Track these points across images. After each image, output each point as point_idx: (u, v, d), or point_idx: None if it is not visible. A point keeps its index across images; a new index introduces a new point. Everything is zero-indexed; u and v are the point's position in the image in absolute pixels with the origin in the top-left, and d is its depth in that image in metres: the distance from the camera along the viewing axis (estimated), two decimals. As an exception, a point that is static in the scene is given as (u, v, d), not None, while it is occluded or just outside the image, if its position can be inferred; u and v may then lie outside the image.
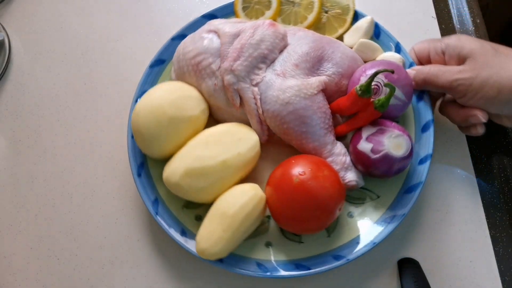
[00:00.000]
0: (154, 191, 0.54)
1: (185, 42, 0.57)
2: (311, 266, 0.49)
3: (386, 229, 0.50)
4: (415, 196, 0.50)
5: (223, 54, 0.53)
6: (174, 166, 0.50)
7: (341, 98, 0.52)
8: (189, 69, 0.55)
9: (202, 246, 0.48)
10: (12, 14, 0.73)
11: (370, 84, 0.48)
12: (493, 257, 0.51)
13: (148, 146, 0.53)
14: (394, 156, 0.47)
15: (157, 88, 0.55)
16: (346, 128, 0.53)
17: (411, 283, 0.49)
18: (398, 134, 0.48)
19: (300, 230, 0.49)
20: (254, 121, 0.53)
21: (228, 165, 0.49)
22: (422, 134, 0.53)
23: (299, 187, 0.46)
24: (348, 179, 0.50)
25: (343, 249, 0.50)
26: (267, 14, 0.61)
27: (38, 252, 0.57)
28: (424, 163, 0.52)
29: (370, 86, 0.48)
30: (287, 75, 0.52)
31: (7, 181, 0.61)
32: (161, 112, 0.51)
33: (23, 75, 0.68)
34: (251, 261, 0.50)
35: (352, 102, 0.50)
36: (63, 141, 0.63)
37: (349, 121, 0.52)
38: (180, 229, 0.52)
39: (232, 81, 0.52)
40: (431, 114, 0.53)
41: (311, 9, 0.60)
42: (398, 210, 0.50)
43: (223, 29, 0.55)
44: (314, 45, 0.53)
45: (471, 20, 0.65)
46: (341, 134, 0.53)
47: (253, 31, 0.53)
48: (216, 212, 0.48)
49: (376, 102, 0.48)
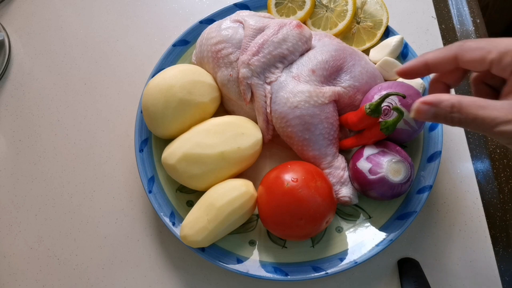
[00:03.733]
0: (152, 169, 0.55)
1: (211, 28, 0.57)
2: (289, 272, 0.49)
3: (371, 251, 0.49)
4: (407, 224, 0.49)
5: (244, 47, 0.53)
6: (173, 148, 0.51)
7: (351, 113, 0.51)
8: (208, 55, 0.55)
9: (186, 232, 0.48)
10: (12, 14, 0.73)
11: (379, 105, 0.47)
12: (493, 257, 0.51)
13: (153, 123, 0.53)
14: (391, 181, 0.46)
15: (173, 68, 0.55)
16: (351, 143, 0.52)
17: (411, 283, 0.49)
18: (399, 159, 0.47)
19: (283, 235, 0.49)
20: (261, 118, 0.53)
21: (225, 157, 0.50)
22: (427, 163, 0.52)
23: (289, 193, 0.46)
24: (342, 194, 0.50)
25: (324, 262, 0.50)
26: (298, 14, 0.60)
27: (38, 252, 0.57)
28: (422, 193, 0.51)
29: (380, 106, 0.47)
30: (302, 80, 0.51)
31: (7, 181, 0.61)
32: (171, 92, 0.51)
33: (23, 75, 0.68)
34: (232, 255, 0.51)
35: (360, 119, 0.49)
36: (63, 141, 0.63)
37: (355, 136, 0.52)
38: (170, 211, 0.53)
39: (246, 75, 0.52)
40: (441, 146, 0.52)
41: (344, 17, 0.59)
42: (387, 234, 0.50)
43: (249, 22, 0.54)
44: (335, 54, 0.52)
45: (471, 20, 0.65)
46: (346, 148, 0.53)
47: (278, 29, 0.52)
48: (205, 202, 0.49)
49: (382, 123, 0.48)
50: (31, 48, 0.70)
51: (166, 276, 0.54)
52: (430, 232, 0.53)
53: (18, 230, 0.58)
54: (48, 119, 0.64)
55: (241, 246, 0.51)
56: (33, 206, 0.59)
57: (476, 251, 0.52)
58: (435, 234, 0.53)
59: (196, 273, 0.53)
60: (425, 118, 0.37)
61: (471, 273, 0.51)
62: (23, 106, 0.66)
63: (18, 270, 0.56)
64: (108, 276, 0.55)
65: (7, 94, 0.67)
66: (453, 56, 0.37)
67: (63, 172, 0.61)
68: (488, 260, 0.51)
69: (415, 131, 0.50)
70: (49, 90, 0.66)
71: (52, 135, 0.63)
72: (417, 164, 0.53)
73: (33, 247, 0.57)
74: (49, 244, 0.57)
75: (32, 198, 0.60)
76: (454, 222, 0.53)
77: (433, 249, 0.52)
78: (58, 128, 0.64)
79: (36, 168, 0.61)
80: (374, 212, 0.52)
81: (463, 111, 0.34)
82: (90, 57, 0.68)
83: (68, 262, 0.56)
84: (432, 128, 0.54)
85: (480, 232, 0.53)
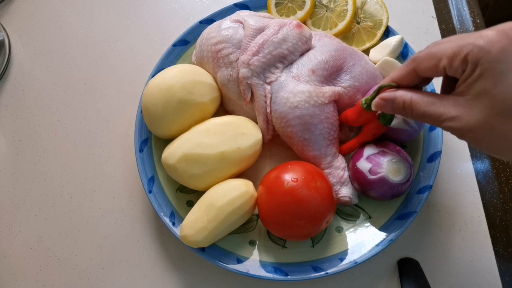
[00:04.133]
0: (152, 169, 0.55)
1: (211, 28, 0.57)
2: (289, 272, 0.49)
3: (371, 251, 0.49)
4: (407, 224, 0.49)
5: (244, 47, 0.53)
6: (173, 148, 0.51)
7: (349, 110, 0.51)
8: (208, 55, 0.55)
9: (186, 232, 0.48)
10: (12, 14, 0.73)
11: (374, 98, 0.46)
12: (493, 257, 0.51)
13: (153, 123, 0.53)
14: (391, 181, 0.46)
15: (173, 68, 0.55)
16: (352, 144, 0.52)
17: (411, 283, 0.49)
18: (399, 159, 0.47)
19: (283, 235, 0.49)
20: (261, 118, 0.53)
21: (225, 157, 0.50)
22: (427, 163, 0.52)
23: (289, 193, 0.45)
24: (342, 194, 0.50)
25: (324, 262, 0.50)
26: (298, 14, 0.60)
27: (38, 252, 0.57)
28: (423, 193, 0.51)
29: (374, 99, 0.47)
30: (302, 80, 0.51)
31: (7, 181, 0.61)
32: (171, 92, 0.51)
33: (23, 75, 0.68)
34: (232, 255, 0.51)
35: (358, 114, 0.49)
36: (63, 141, 0.63)
37: (354, 139, 0.52)
38: (170, 211, 0.53)
39: (246, 75, 0.52)
40: (441, 146, 0.52)
41: (344, 17, 0.59)
42: (387, 234, 0.50)
43: (249, 22, 0.54)
44: (335, 54, 0.52)
45: (471, 20, 0.65)
46: (348, 151, 0.52)
47: (278, 29, 0.52)
48: (205, 202, 0.49)
49: (381, 115, 0.48)
50: (31, 48, 0.70)
51: (166, 276, 0.54)
52: (430, 232, 0.53)
53: (18, 230, 0.58)
54: (48, 119, 0.64)
55: (241, 246, 0.51)
56: (33, 206, 0.59)
57: (476, 251, 0.52)
58: (435, 234, 0.53)
59: (196, 273, 0.53)
60: (385, 110, 0.43)
61: (471, 273, 0.51)
62: (23, 106, 0.66)
63: (18, 270, 0.56)
64: (108, 276, 0.55)
65: (7, 94, 0.67)
66: (412, 70, 0.40)
67: (63, 172, 0.61)
68: (488, 260, 0.51)
69: (415, 131, 0.50)
70: (49, 90, 0.66)
71: (52, 135, 0.63)
72: (417, 164, 0.53)
73: (33, 247, 0.57)
74: (49, 244, 0.57)
75: (32, 198, 0.60)
76: (454, 222, 0.53)
77: (433, 249, 0.52)
78: (58, 128, 0.64)
79: (36, 168, 0.61)
80: (374, 212, 0.52)
81: (414, 108, 0.39)
82: (90, 57, 0.68)
83: (68, 262, 0.56)
84: (432, 128, 0.54)
85: (480, 232, 0.53)
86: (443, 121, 0.36)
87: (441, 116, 0.36)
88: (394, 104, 0.41)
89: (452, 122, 0.35)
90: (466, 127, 0.34)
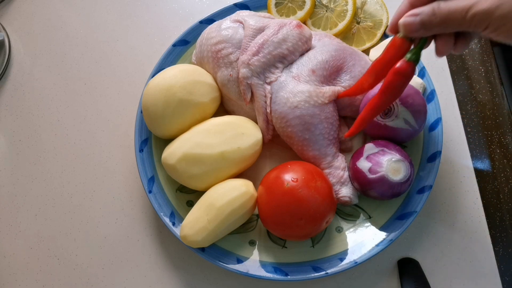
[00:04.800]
0: (152, 169, 0.55)
1: (211, 28, 0.57)
2: (289, 272, 0.49)
3: (371, 251, 0.49)
4: (407, 224, 0.49)
5: (244, 47, 0.53)
6: (173, 148, 0.51)
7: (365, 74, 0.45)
8: (208, 55, 0.55)
9: (186, 232, 0.48)
10: (12, 14, 0.73)
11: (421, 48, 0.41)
12: (493, 257, 0.51)
13: (153, 123, 0.53)
14: (391, 180, 0.46)
15: (173, 68, 0.55)
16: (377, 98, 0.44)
17: (411, 283, 0.49)
18: (399, 159, 0.47)
19: (283, 235, 0.49)
20: (261, 118, 0.53)
21: (226, 157, 0.50)
22: (427, 163, 0.52)
23: (289, 193, 0.46)
24: (342, 194, 0.50)
25: (324, 262, 0.50)
26: (298, 14, 0.60)
27: (38, 252, 0.57)
28: (423, 193, 0.51)
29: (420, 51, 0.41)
30: (301, 80, 0.51)
31: (7, 181, 0.61)
32: (171, 92, 0.51)
33: (23, 75, 0.68)
34: (232, 255, 0.51)
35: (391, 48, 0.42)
36: (63, 141, 0.63)
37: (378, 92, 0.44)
38: (170, 211, 0.53)
39: (246, 75, 0.52)
40: (441, 146, 0.52)
41: (344, 17, 0.59)
42: (387, 234, 0.50)
43: (249, 22, 0.54)
44: (335, 54, 0.52)
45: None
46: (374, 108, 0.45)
47: (278, 29, 0.52)
48: (205, 202, 0.49)
49: (408, 53, 0.42)
50: (31, 48, 0.70)
51: (166, 276, 0.54)
52: (430, 232, 0.53)
53: (18, 230, 0.58)
54: (48, 119, 0.64)
55: (241, 246, 0.51)
56: (33, 206, 0.59)
57: (476, 251, 0.52)
58: (435, 234, 0.53)
59: (196, 273, 0.53)
60: (413, 30, 0.39)
61: (471, 273, 0.51)
62: (23, 106, 0.66)
63: (18, 270, 0.56)
64: (108, 276, 0.55)
65: (7, 94, 0.67)
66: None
67: (63, 172, 0.61)
68: (488, 260, 0.51)
69: (415, 131, 0.50)
70: (49, 90, 0.66)
71: (52, 135, 0.63)
72: (417, 164, 0.53)
73: (33, 247, 0.57)
74: (49, 244, 0.57)
75: (32, 198, 0.60)
76: (454, 222, 0.53)
77: (433, 249, 0.52)
78: (58, 128, 0.64)
79: (36, 168, 0.61)
80: (374, 212, 0.52)
81: (440, 11, 0.38)
82: (90, 57, 0.68)
83: (68, 262, 0.56)
84: (432, 128, 0.54)
85: (480, 232, 0.53)
86: (469, 9, 0.36)
87: (465, 6, 0.36)
88: (423, 15, 0.39)
89: (477, 6, 0.35)
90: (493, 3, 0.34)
